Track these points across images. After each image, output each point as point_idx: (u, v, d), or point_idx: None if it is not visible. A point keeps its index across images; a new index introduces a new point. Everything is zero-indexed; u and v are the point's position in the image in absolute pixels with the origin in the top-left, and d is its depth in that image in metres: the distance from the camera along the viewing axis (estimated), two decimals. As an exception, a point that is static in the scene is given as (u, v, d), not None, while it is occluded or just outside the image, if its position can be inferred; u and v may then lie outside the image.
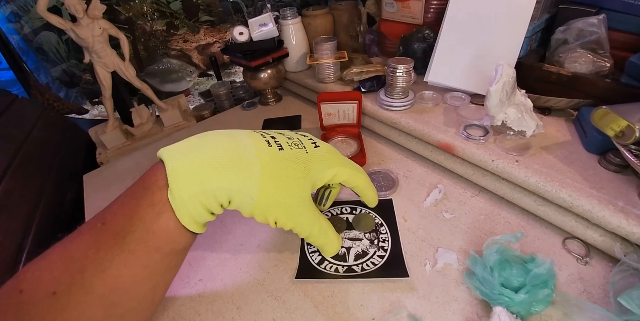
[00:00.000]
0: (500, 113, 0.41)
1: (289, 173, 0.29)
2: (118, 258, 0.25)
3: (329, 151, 0.34)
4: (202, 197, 0.26)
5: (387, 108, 0.51)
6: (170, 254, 0.28)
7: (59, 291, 0.24)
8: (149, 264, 0.26)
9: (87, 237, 0.26)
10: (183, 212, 0.26)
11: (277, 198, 0.29)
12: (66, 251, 0.26)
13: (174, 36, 0.85)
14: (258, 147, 0.29)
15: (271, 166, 0.29)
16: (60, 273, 0.25)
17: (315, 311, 0.32)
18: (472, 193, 0.43)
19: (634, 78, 0.44)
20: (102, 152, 0.63)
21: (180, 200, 0.26)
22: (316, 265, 0.36)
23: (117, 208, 0.27)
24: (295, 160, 0.30)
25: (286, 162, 0.30)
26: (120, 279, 0.25)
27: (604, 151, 0.37)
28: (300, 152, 0.31)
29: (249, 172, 0.28)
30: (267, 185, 0.28)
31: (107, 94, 0.59)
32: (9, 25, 0.71)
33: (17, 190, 0.48)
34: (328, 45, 0.58)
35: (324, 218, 0.34)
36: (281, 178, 0.29)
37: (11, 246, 0.43)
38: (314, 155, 0.32)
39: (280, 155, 0.30)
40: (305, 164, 0.31)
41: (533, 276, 0.29)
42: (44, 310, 0.23)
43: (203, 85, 1.32)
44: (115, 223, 0.26)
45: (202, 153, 0.27)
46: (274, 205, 0.29)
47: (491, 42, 0.49)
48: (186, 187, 0.26)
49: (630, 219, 0.31)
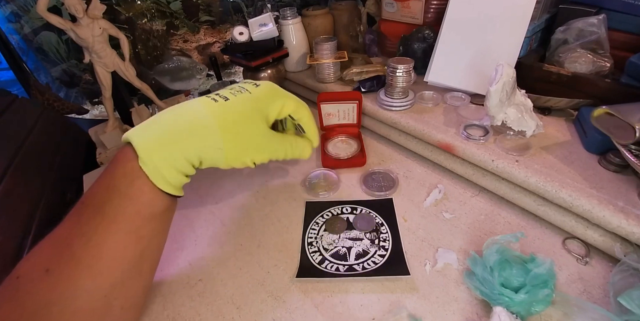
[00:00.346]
0: (500, 113, 0.41)
1: (242, 116, 0.33)
2: (100, 227, 0.27)
3: (270, 86, 0.37)
4: (172, 159, 0.29)
5: (387, 108, 0.51)
6: (151, 218, 0.29)
7: (51, 268, 0.25)
8: (131, 229, 0.28)
9: (70, 218, 0.28)
10: (156, 175, 0.28)
11: (242, 140, 0.33)
12: (54, 235, 0.27)
13: (174, 36, 0.85)
14: (207, 106, 0.32)
15: (224, 116, 0.31)
16: (51, 252, 0.26)
17: (315, 311, 0.32)
18: (472, 193, 0.43)
19: (634, 78, 0.44)
20: (102, 152, 0.63)
21: (152, 164, 0.28)
22: (317, 265, 0.36)
23: (94, 187, 0.29)
24: (242, 103, 0.33)
25: (235, 107, 0.33)
26: (105, 246, 0.26)
27: (604, 151, 0.37)
28: (244, 95, 0.34)
29: (207, 128, 0.31)
30: (228, 131, 0.31)
31: (107, 94, 0.59)
32: (9, 25, 0.71)
33: (17, 190, 0.48)
34: (328, 45, 0.58)
35: (288, 135, 0.39)
36: (237, 122, 0.32)
37: (11, 246, 0.42)
38: (258, 93, 0.35)
39: (229, 104, 0.33)
40: (253, 103, 0.34)
41: (533, 276, 0.29)
42: (39, 287, 0.25)
43: (203, 85, 1.32)
44: (92, 198, 0.28)
45: (162, 125, 0.30)
46: (241, 146, 0.33)
47: (491, 42, 0.49)
48: (155, 153, 0.28)
49: (630, 219, 0.31)
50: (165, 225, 0.32)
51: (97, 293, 0.26)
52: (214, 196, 0.48)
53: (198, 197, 0.47)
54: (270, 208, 0.44)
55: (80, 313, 0.25)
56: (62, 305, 0.25)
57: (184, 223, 0.44)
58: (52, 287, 0.25)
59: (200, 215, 0.45)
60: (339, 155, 0.50)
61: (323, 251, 0.37)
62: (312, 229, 0.40)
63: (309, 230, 0.40)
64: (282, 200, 0.45)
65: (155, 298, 0.35)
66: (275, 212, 0.44)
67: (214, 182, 0.50)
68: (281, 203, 0.45)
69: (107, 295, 0.27)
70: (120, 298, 0.28)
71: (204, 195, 0.48)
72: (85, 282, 0.26)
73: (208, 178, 0.51)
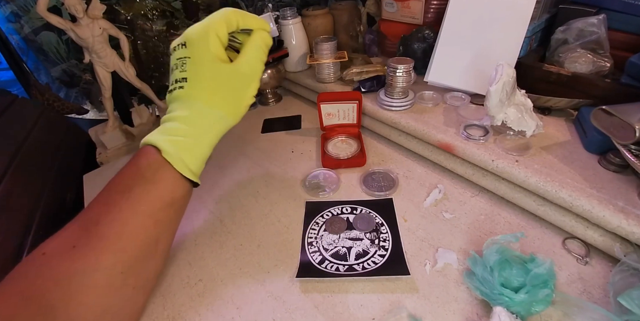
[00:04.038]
0: (500, 113, 0.41)
1: (206, 79, 0.34)
2: (125, 206, 0.30)
3: (190, 34, 0.35)
4: (195, 149, 0.33)
5: (387, 108, 0.51)
6: (171, 203, 0.32)
7: (78, 244, 0.28)
8: (152, 212, 0.31)
9: (96, 203, 0.30)
10: (179, 163, 0.32)
11: (226, 96, 0.35)
12: (80, 218, 0.30)
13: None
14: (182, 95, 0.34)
15: (199, 93, 0.34)
16: (79, 231, 0.29)
17: (315, 311, 0.32)
18: (472, 193, 0.43)
19: (634, 78, 0.44)
20: (102, 152, 0.63)
21: (175, 154, 0.32)
22: (317, 265, 0.36)
23: (118, 177, 0.32)
24: (195, 70, 0.34)
25: (197, 78, 0.34)
26: (128, 226, 0.29)
27: (604, 151, 0.37)
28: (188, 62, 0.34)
29: (203, 113, 0.34)
30: (213, 102, 0.34)
31: (107, 94, 0.59)
32: (9, 25, 0.71)
33: (17, 190, 0.48)
34: (328, 45, 0.58)
35: (244, 49, 0.37)
36: (209, 87, 0.34)
37: (11, 246, 0.42)
38: (192, 51, 0.34)
39: (191, 82, 0.34)
40: (198, 61, 0.34)
41: (533, 276, 0.29)
42: (64, 260, 0.27)
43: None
44: (119, 185, 0.31)
45: (170, 127, 0.34)
46: (231, 100, 0.35)
47: (491, 42, 0.49)
48: (177, 145, 0.32)
49: (630, 219, 0.31)
50: (179, 213, 0.35)
51: (115, 269, 0.28)
52: (214, 196, 0.48)
53: (198, 197, 0.47)
54: (270, 208, 0.44)
55: (98, 287, 0.28)
56: (82, 277, 0.27)
57: (184, 223, 0.43)
58: (76, 259, 0.27)
59: (200, 215, 0.45)
60: (339, 155, 0.50)
61: (323, 251, 0.37)
62: (312, 229, 0.40)
63: (309, 230, 0.40)
64: (282, 200, 0.45)
65: (155, 298, 0.35)
66: (275, 212, 0.44)
67: (214, 182, 0.50)
68: (281, 203, 0.45)
69: (123, 272, 0.29)
70: (134, 276, 0.30)
71: (204, 195, 0.48)
72: (106, 256, 0.28)
73: (208, 179, 0.51)
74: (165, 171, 0.32)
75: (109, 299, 0.29)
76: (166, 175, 0.32)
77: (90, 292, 0.27)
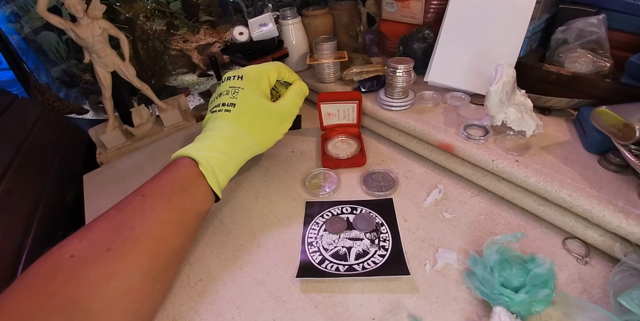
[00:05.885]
0: (500, 113, 0.41)
1: (252, 110, 0.40)
2: (162, 215, 0.31)
3: (250, 71, 0.43)
4: (226, 166, 0.37)
5: (387, 108, 0.51)
6: (198, 215, 0.35)
7: (113, 247, 0.28)
8: (185, 222, 0.33)
9: (130, 208, 0.31)
10: (212, 177, 0.35)
11: (264, 127, 0.41)
12: (111, 222, 0.30)
13: (174, 36, 0.85)
14: (228, 119, 0.39)
15: (242, 119, 0.39)
16: (112, 234, 0.29)
17: (315, 311, 0.32)
18: (472, 193, 0.43)
19: (634, 78, 0.44)
20: (102, 152, 0.63)
21: (210, 169, 0.35)
22: (317, 265, 0.36)
23: (153, 185, 0.33)
24: (245, 99, 0.40)
25: (244, 107, 0.40)
26: (163, 233, 0.31)
27: (604, 151, 0.37)
28: (241, 92, 0.41)
29: (240, 136, 0.39)
30: (252, 129, 0.40)
31: (107, 94, 0.59)
32: (9, 25, 0.71)
33: (17, 190, 0.48)
34: (328, 45, 0.58)
35: (285, 94, 0.46)
36: (253, 118, 0.40)
37: (11, 246, 0.42)
38: (247, 84, 0.42)
39: (239, 108, 0.40)
40: (250, 94, 0.41)
41: (533, 276, 0.29)
42: (99, 263, 0.27)
43: (203, 85, 1.32)
44: (156, 192, 0.32)
45: (208, 142, 0.38)
46: (267, 132, 0.41)
47: (491, 42, 0.49)
48: (212, 161, 0.35)
49: (630, 219, 0.31)
50: (198, 226, 0.37)
51: (149, 274, 0.29)
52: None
53: (198, 197, 0.47)
54: (270, 208, 0.44)
55: (132, 292, 0.28)
56: (119, 281, 0.27)
57: (184, 223, 0.44)
58: (114, 262, 0.27)
59: (200, 215, 0.45)
60: (339, 155, 0.50)
61: (323, 251, 0.37)
62: (312, 229, 0.40)
63: (309, 230, 0.40)
64: (282, 200, 0.45)
65: (155, 298, 0.35)
66: (275, 212, 0.44)
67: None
68: (281, 203, 0.45)
69: (156, 277, 0.30)
70: (161, 282, 0.31)
71: (204, 195, 0.48)
72: (143, 262, 0.28)
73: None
74: (200, 184, 0.34)
75: (139, 305, 0.28)
76: (201, 188, 0.34)
77: (125, 298, 0.27)
